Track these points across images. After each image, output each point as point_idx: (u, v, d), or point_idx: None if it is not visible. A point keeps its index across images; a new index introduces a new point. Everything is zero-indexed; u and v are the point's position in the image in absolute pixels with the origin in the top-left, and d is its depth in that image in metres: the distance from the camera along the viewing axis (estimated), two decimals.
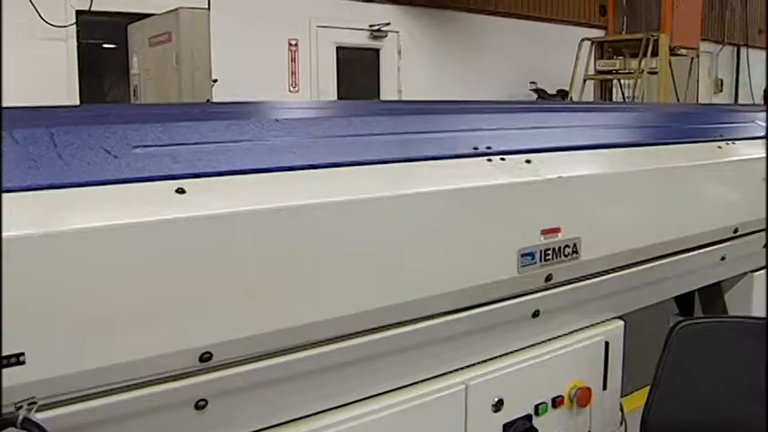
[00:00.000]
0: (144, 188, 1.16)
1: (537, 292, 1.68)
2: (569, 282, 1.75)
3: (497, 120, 1.85)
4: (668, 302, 2.66)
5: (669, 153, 2.12)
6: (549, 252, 1.64)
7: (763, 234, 2.54)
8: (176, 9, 5.22)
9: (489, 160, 1.61)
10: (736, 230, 2.35)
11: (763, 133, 2.67)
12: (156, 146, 1.26)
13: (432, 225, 1.46)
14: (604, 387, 1.96)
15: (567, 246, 1.68)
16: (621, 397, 2.08)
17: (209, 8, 5.80)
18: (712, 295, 2.71)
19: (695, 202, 2.16)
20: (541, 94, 9.25)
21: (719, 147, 2.34)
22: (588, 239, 1.73)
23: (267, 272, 1.22)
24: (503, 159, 1.62)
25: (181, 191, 1.17)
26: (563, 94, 8.70)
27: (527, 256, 1.59)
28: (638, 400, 2.05)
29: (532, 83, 9.36)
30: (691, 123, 2.57)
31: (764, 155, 2.48)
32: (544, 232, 1.62)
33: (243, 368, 1.24)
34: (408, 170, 1.50)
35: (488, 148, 1.64)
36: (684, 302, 2.77)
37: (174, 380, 1.18)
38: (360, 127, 1.61)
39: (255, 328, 1.22)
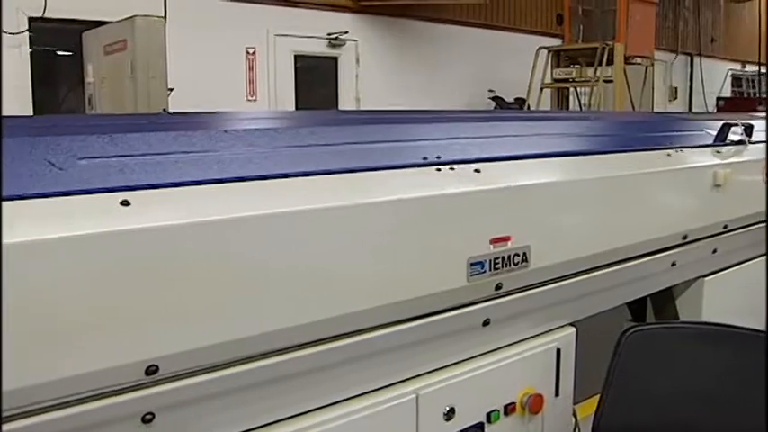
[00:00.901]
0: (88, 200, 1.15)
1: (487, 300, 1.69)
2: (519, 290, 1.76)
3: (448, 129, 1.87)
4: (622, 308, 2.69)
5: (619, 161, 2.15)
6: (499, 261, 1.65)
7: (712, 240, 2.59)
8: (132, 17, 5.18)
9: (438, 170, 1.61)
10: (685, 237, 2.39)
11: (710, 141, 2.72)
12: (102, 157, 1.25)
13: (380, 235, 1.46)
14: (556, 393, 1.97)
15: (516, 254, 1.69)
16: (575, 403, 2.10)
17: (165, 16, 5.77)
18: (664, 301, 2.75)
19: (645, 209, 2.19)
20: (499, 102, 9.32)
21: (669, 155, 2.37)
22: (538, 248, 1.74)
23: (212, 284, 1.21)
24: (452, 169, 1.63)
25: (125, 203, 1.16)
26: (521, 102, 8.78)
27: (476, 265, 1.60)
28: (592, 406, 2.07)
29: (491, 91, 9.43)
30: (641, 132, 2.61)
31: (711, 162, 2.53)
32: (493, 241, 1.63)
33: (190, 381, 1.23)
34: (357, 180, 1.49)
35: (438, 157, 1.65)
36: (637, 308, 2.80)
37: (120, 393, 1.17)
38: (309, 137, 1.61)
39: (201, 341, 1.21)
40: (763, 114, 4.53)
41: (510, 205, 1.68)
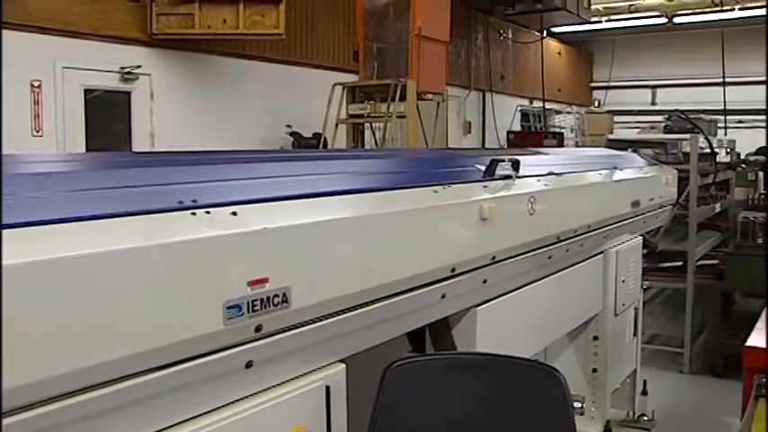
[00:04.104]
0: None
1: (247, 342, 1.68)
2: (282, 330, 1.76)
3: (208, 172, 1.85)
4: (403, 340, 2.76)
5: (384, 199, 2.21)
6: (258, 303, 1.65)
7: (482, 271, 2.71)
8: None
9: (193, 214, 1.60)
10: (453, 269, 2.49)
11: (479, 176, 2.87)
12: None
13: (133, 281, 1.42)
14: (328, 431, 1.99)
15: (276, 295, 1.69)
16: None
17: None
18: (441, 331, 2.85)
19: (411, 244, 2.26)
20: (297, 137, 9.39)
21: (435, 191, 2.47)
22: (299, 288, 1.76)
23: None
24: (208, 213, 1.62)
25: None
26: (318, 137, 8.89)
27: (233, 308, 1.59)
28: None
29: (288, 126, 9.49)
30: (410, 169, 2.70)
31: (478, 197, 2.66)
32: (251, 283, 1.63)
33: None
34: (107, 227, 1.45)
35: (194, 201, 1.63)
36: (416, 339, 2.88)
37: None
38: (59, 183, 1.55)
39: None
40: (537, 148, 4.84)
41: (268, 247, 1.69)
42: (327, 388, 1.97)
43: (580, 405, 4.81)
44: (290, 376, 1.88)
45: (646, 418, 5.57)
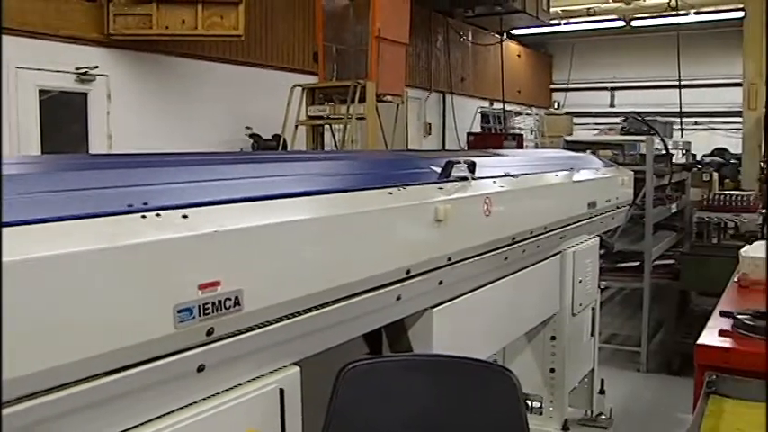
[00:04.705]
0: None
1: (199, 346, 1.67)
2: (234, 333, 1.76)
3: (160, 174, 1.83)
4: (359, 341, 2.76)
5: (340, 200, 2.21)
6: (209, 306, 1.64)
7: (437, 273, 2.72)
8: None
9: (144, 217, 1.58)
10: (408, 271, 2.49)
11: (435, 178, 2.88)
12: None
13: (81, 285, 1.40)
14: None
15: (228, 299, 1.68)
16: None
17: None
18: (397, 332, 2.85)
19: (365, 246, 2.26)
20: (257, 139, 9.35)
21: (390, 193, 2.48)
22: (252, 291, 1.75)
23: None
24: (158, 215, 1.60)
25: None
26: (278, 139, 8.85)
27: (184, 312, 1.58)
28: None
29: (248, 128, 9.44)
30: (366, 171, 2.70)
31: (433, 199, 2.66)
32: (202, 287, 1.62)
33: None
34: (57, 230, 1.43)
35: (145, 204, 1.62)
36: (373, 341, 2.89)
37: None
38: (6, 186, 1.52)
39: None
40: (498, 150, 4.88)
41: (219, 250, 1.68)
42: (281, 391, 1.96)
43: (539, 405, 4.86)
44: (242, 379, 1.87)
45: (603, 417, 5.63)
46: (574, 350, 4.79)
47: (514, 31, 18.08)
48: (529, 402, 4.85)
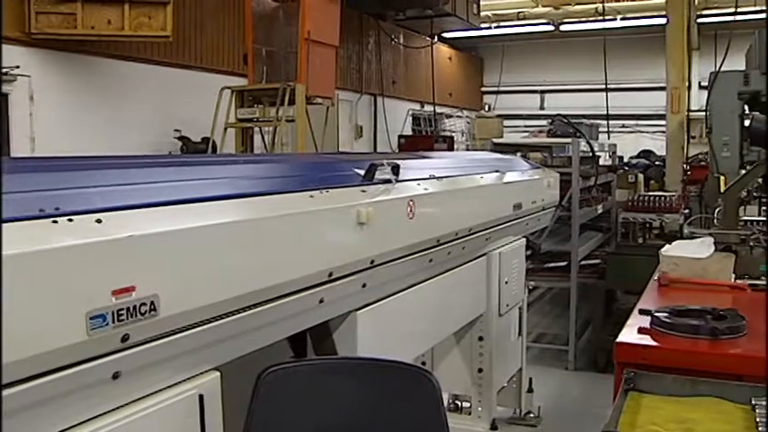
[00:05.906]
0: None
1: (114, 353, 1.65)
2: (150, 339, 1.74)
3: (73, 179, 1.80)
4: (284, 345, 2.76)
5: (260, 204, 2.20)
6: (123, 312, 1.62)
7: (361, 276, 2.74)
8: None
9: (55, 222, 1.56)
10: (331, 274, 2.50)
11: (358, 181, 2.89)
12: None
13: None
14: None
15: (143, 304, 1.67)
16: None
17: None
18: (322, 335, 2.85)
19: (286, 249, 2.26)
20: (186, 141, 9.23)
21: (312, 196, 2.48)
22: (168, 296, 1.73)
23: None
24: (70, 220, 1.58)
25: None
26: (207, 141, 8.75)
27: (97, 318, 1.56)
28: None
29: (177, 131, 9.31)
30: (288, 174, 2.70)
31: (355, 202, 2.67)
32: (115, 293, 1.60)
33: None
34: None
35: (57, 209, 1.59)
36: (298, 344, 2.88)
37: None
38: None
39: None
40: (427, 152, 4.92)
41: (133, 255, 1.66)
42: (201, 397, 1.95)
43: (468, 405, 4.92)
44: (160, 386, 1.85)
45: (532, 415, 5.72)
46: (501, 350, 4.86)
47: (445, 35, 18.20)
48: (458, 403, 4.91)
